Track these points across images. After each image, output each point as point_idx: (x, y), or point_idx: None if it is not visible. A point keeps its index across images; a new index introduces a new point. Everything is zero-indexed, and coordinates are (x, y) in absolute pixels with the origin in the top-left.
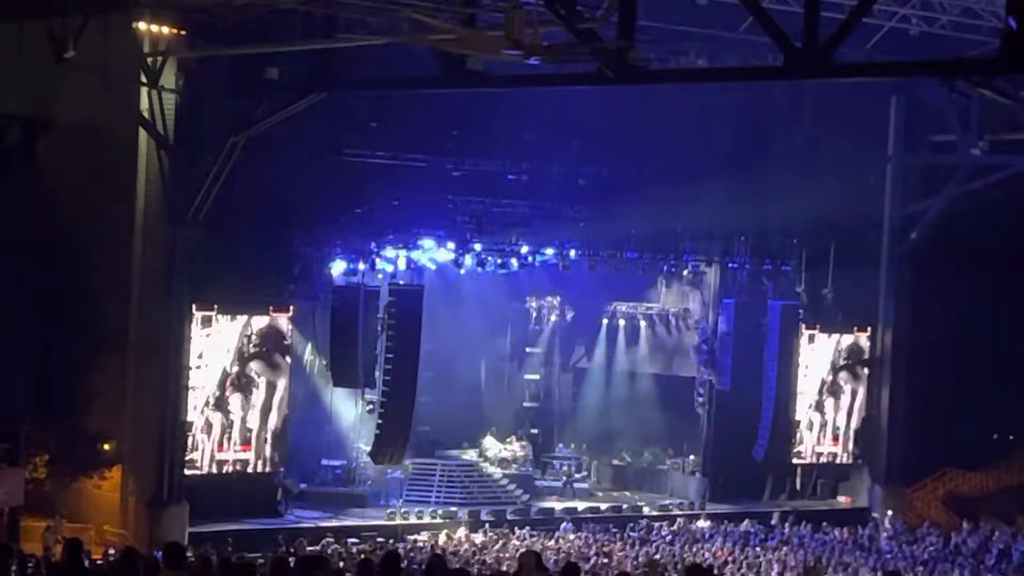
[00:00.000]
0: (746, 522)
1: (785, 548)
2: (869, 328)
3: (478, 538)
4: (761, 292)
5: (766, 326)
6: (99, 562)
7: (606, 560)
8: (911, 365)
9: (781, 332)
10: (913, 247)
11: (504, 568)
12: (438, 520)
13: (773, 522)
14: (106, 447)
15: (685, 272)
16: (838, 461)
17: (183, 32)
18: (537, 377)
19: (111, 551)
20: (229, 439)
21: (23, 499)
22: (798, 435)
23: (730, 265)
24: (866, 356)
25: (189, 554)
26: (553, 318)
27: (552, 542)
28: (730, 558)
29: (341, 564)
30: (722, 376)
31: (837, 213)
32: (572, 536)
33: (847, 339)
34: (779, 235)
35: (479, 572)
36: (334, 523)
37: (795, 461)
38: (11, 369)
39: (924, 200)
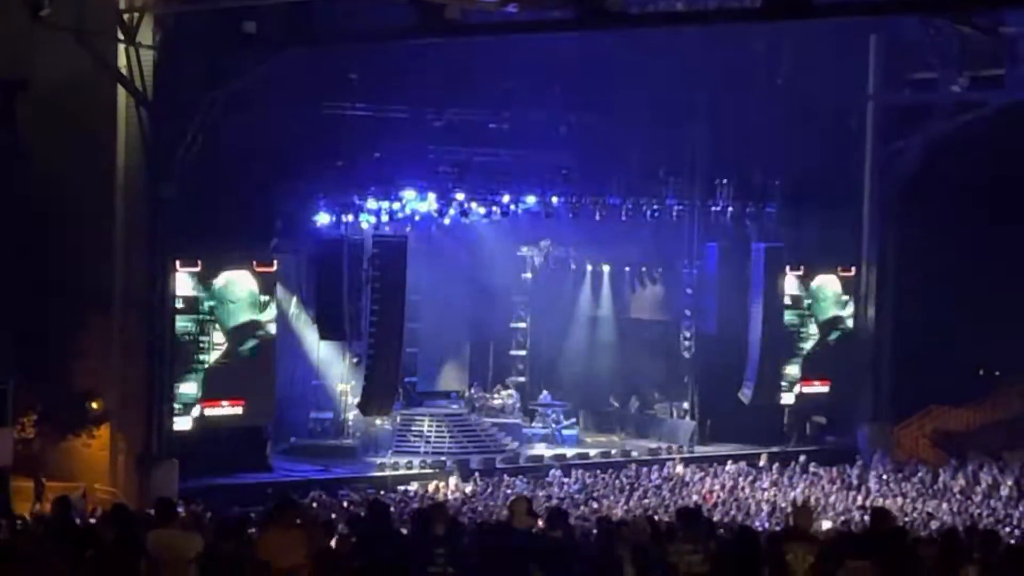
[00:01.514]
0: (734, 464)
1: (774, 489)
2: (853, 268)
3: (468, 487)
4: (744, 235)
5: (750, 268)
6: (91, 520)
7: (596, 506)
8: (896, 303)
9: (766, 274)
10: (895, 186)
11: (494, 516)
12: (428, 470)
13: (761, 463)
14: (94, 405)
15: (667, 217)
16: (825, 401)
17: None
18: (523, 325)
19: (101, 509)
20: (217, 394)
21: (11, 459)
22: (784, 376)
23: (712, 208)
24: (850, 295)
25: (180, 509)
26: (538, 266)
27: (542, 490)
28: (720, 500)
29: (332, 516)
30: (707, 319)
31: (819, 154)
32: (565, 481)
33: (831, 279)
34: (761, 177)
35: (470, 520)
36: (324, 476)
37: (782, 402)
38: None
39: (906, 139)
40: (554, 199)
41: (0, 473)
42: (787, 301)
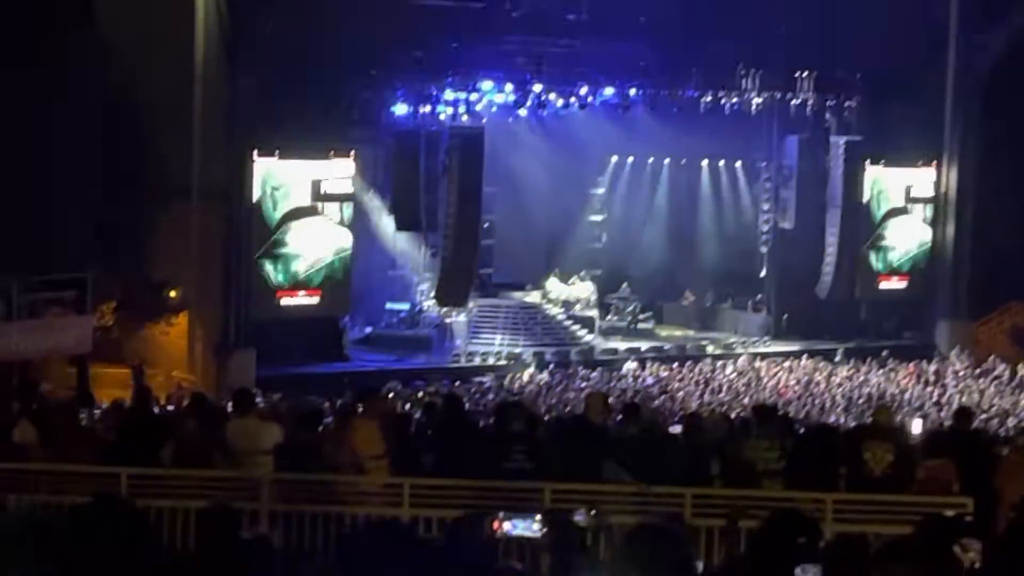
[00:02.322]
0: (809, 359)
1: (849, 384)
2: (935, 162)
3: (543, 379)
4: (824, 128)
5: (829, 162)
6: (169, 408)
7: (670, 400)
8: (976, 198)
9: (845, 168)
10: (979, 79)
11: (569, 409)
12: (503, 362)
13: (837, 359)
14: (172, 294)
15: (746, 110)
16: (903, 296)
17: None
18: (600, 218)
19: (180, 397)
20: (294, 284)
21: (91, 346)
22: (862, 272)
23: (792, 101)
24: (931, 191)
25: (259, 399)
26: (615, 159)
27: (616, 383)
28: (795, 395)
29: (407, 407)
30: (785, 213)
31: (901, 46)
32: (640, 375)
33: (912, 174)
34: (842, 69)
35: (545, 412)
36: (399, 366)
37: (859, 297)
38: (76, 218)
39: (990, 31)
40: (632, 91)
41: (80, 360)
42: (866, 195)
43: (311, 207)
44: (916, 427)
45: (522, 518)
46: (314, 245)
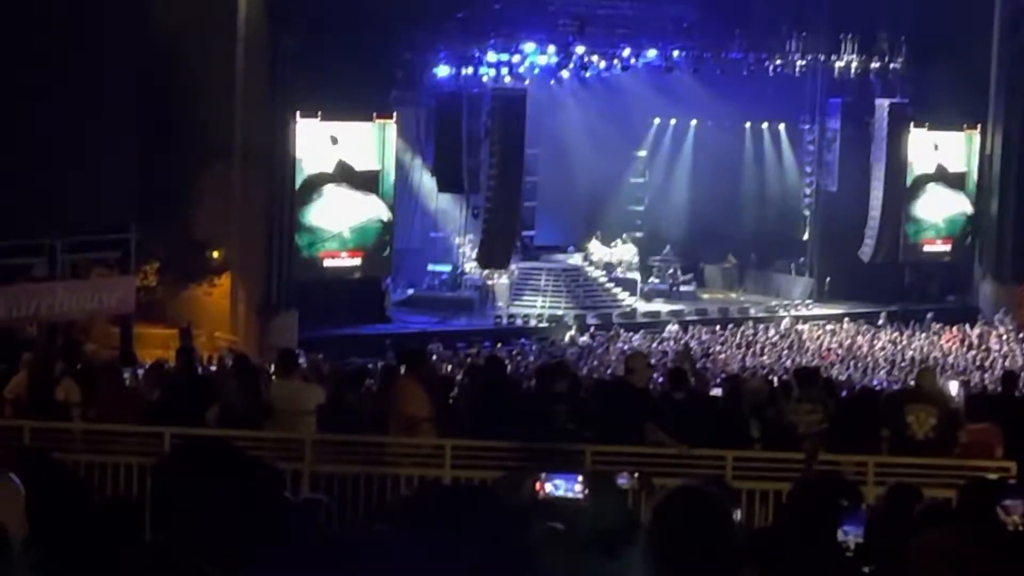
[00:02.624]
0: (852, 322)
1: (892, 348)
2: (979, 125)
3: (585, 341)
4: (868, 91)
5: (873, 125)
6: (212, 368)
7: (712, 363)
8: (1020, 162)
9: (889, 130)
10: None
11: (611, 371)
12: (545, 324)
13: (881, 322)
14: (214, 254)
15: (790, 72)
16: (947, 260)
17: None
18: (642, 180)
19: (223, 358)
20: (336, 246)
21: (134, 307)
22: (905, 234)
23: (837, 64)
24: (976, 154)
25: (301, 360)
26: (657, 122)
27: (658, 345)
28: (838, 357)
29: (449, 368)
30: (828, 176)
31: (946, 9)
32: (682, 337)
33: (957, 137)
34: (887, 32)
35: (587, 375)
36: (441, 328)
37: (902, 260)
38: (117, 178)
39: None
40: (675, 53)
41: (124, 320)
42: (910, 158)
43: (353, 169)
44: (953, 389)
45: (564, 479)
46: (356, 207)
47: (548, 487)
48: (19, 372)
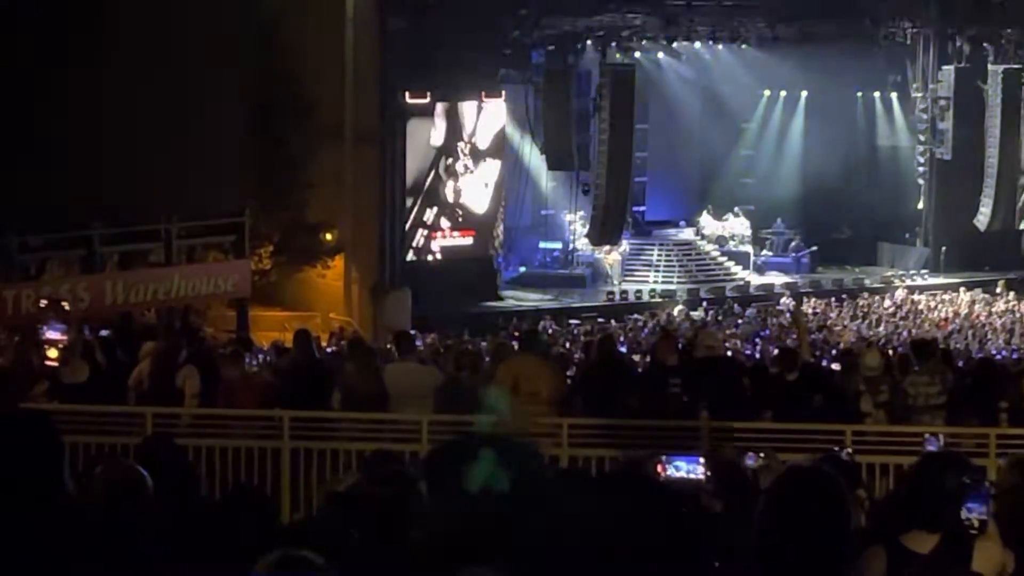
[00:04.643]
0: (968, 291)
1: (1010, 317)
2: None
3: (698, 316)
4: (982, 56)
5: (987, 91)
6: (328, 350)
7: (828, 334)
8: None
9: (1003, 97)
10: None
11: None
12: (657, 299)
13: (998, 291)
14: (327, 236)
15: (902, 40)
16: None
17: None
18: (752, 152)
19: (339, 339)
20: (448, 225)
21: (250, 290)
22: (1022, 202)
23: (950, 31)
24: None
25: (418, 342)
26: (767, 94)
27: (772, 318)
28: (955, 328)
29: (568, 344)
30: (943, 144)
31: None
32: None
33: None
34: None
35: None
36: (553, 305)
37: (1019, 228)
38: (231, 163)
39: None
40: (783, 25)
41: (240, 304)
42: None
43: (462, 148)
44: None
45: (685, 460)
46: (466, 186)
47: (669, 469)
48: (143, 361)
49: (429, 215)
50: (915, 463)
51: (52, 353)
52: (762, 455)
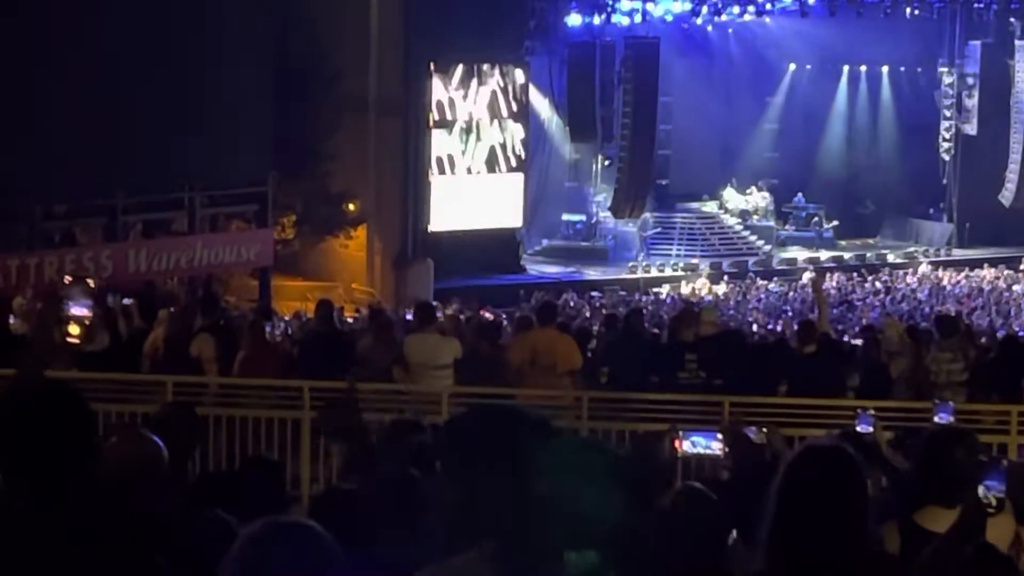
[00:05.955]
0: (992, 267)
1: None
2: None
3: (720, 289)
4: (1008, 31)
5: (1014, 67)
6: (349, 320)
7: (851, 309)
8: None
9: None
10: None
11: (751, 319)
12: (679, 272)
13: (1023, 266)
14: (350, 207)
15: (928, 14)
16: None
17: None
18: (776, 127)
19: (360, 309)
20: (471, 196)
21: (273, 260)
22: None
23: (976, 5)
24: None
25: (439, 314)
26: (793, 67)
27: (795, 292)
28: (979, 304)
29: (588, 315)
30: (968, 120)
31: None
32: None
33: None
34: None
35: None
36: (575, 278)
37: None
38: (254, 132)
39: None
40: None
41: (262, 273)
42: None
43: (487, 120)
44: None
45: (702, 436)
46: (489, 157)
47: (686, 445)
48: (157, 328)
49: (454, 186)
50: (923, 438)
51: (74, 330)
52: (764, 429)
